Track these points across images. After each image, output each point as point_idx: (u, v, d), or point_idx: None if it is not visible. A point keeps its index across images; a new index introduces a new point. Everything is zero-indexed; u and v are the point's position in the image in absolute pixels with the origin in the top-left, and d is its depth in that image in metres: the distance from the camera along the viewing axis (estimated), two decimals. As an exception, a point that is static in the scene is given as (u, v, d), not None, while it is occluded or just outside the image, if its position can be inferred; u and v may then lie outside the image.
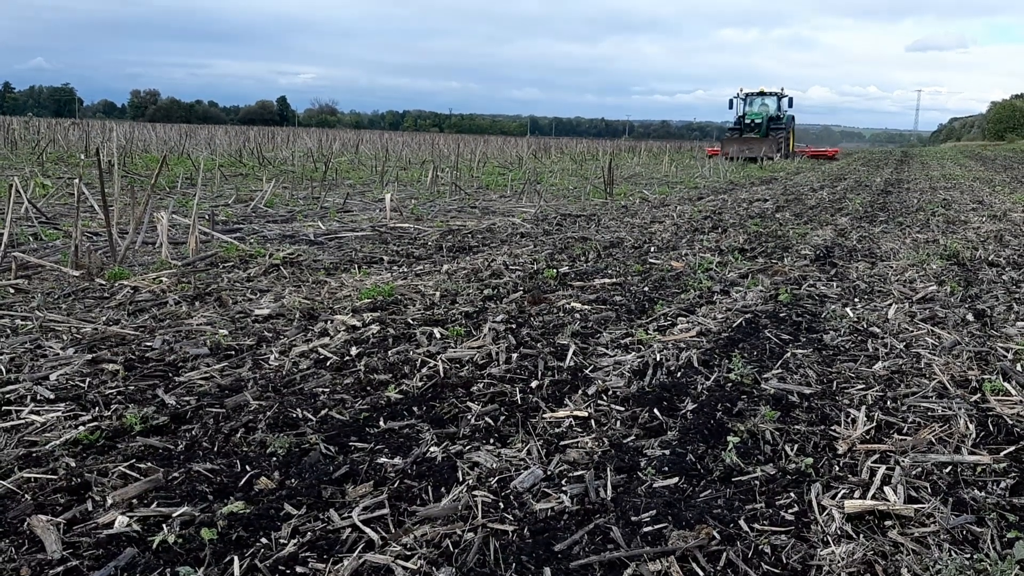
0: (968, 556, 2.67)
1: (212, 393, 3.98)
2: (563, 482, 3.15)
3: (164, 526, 2.69)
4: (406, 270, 7.49)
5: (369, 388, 4.16)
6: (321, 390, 4.08)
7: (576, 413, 3.86)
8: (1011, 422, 3.82)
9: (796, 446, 3.54)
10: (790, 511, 2.96)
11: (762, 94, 44.07)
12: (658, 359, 4.68)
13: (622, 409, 3.94)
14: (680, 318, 5.77)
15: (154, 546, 2.57)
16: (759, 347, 5.09)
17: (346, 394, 4.05)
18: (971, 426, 3.76)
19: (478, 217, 12.14)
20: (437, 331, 5.19)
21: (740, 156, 37.48)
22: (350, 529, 2.74)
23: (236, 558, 2.53)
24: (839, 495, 3.07)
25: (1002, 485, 3.17)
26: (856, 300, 6.58)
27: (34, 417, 3.59)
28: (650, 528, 2.80)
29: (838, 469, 3.32)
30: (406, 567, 2.51)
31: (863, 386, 4.38)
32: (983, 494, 3.10)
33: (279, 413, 3.73)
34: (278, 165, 22.76)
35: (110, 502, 2.84)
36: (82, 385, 4.02)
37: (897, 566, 2.62)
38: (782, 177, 25.92)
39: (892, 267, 8.15)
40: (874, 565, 2.62)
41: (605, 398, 4.10)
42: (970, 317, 5.91)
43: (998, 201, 16.37)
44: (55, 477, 3.04)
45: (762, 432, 3.65)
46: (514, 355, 4.72)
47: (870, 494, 3.08)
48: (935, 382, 4.42)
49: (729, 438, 3.55)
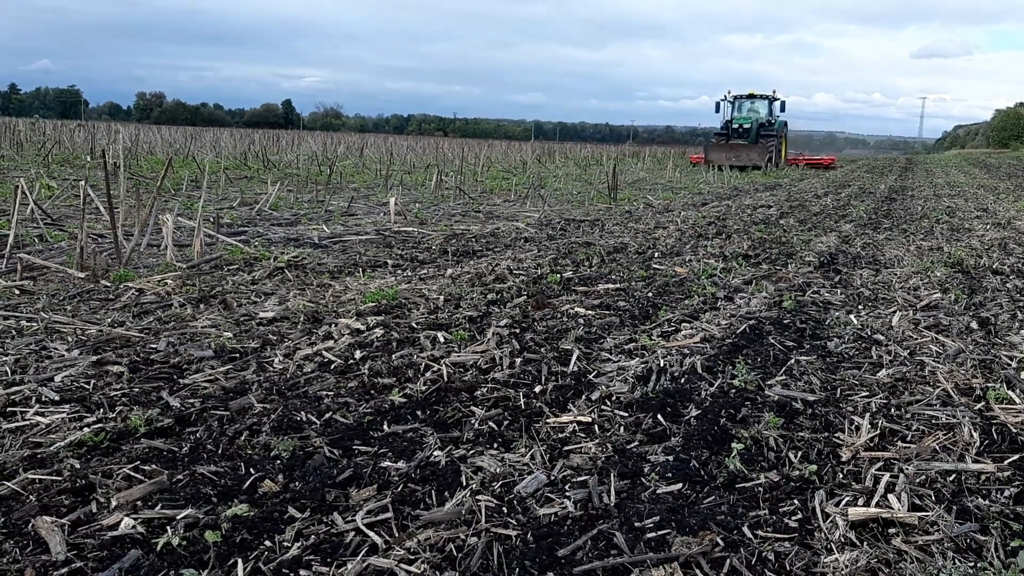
0: (972, 565, 2.67)
1: (217, 396, 3.98)
2: (567, 487, 3.15)
3: (168, 528, 2.70)
4: (410, 274, 7.50)
5: (373, 392, 4.17)
6: (325, 393, 4.09)
7: (580, 418, 3.86)
8: (1015, 431, 3.82)
9: (800, 453, 3.54)
10: (794, 518, 2.96)
11: (752, 97, 40.11)
12: (662, 365, 4.68)
13: (626, 415, 3.94)
14: (684, 324, 5.77)
15: (158, 548, 2.58)
16: (763, 353, 5.09)
17: (350, 397, 4.06)
18: (975, 434, 3.76)
19: (482, 221, 12.15)
20: (441, 335, 5.19)
21: (725, 164, 33.69)
22: (354, 533, 2.75)
23: (240, 561, 2.53)
24: (843, 502, 3.07)
25: (1006, 494, 3.17)
26: (860, 307, 6.58)
27: (39, 418, 3.60)
28: (653, 534, 2.80)
29: (842, 476, 3.32)
30: (409, 571, 2.51)
31: (867, 393, 4.38)
32: (987, 502, 3.10)
33: (283, 416, 3.73)
34: (283, 168, 22.80)
35: (115, 504, 2.85)
36: (87, 387, 4.03)
37: (901, 574, 2.61)
38: (786, 183, 25.93)
39: (896, 274, 8.15)
40: (878, 573, 2.62)
41: (609, 404, 4.10)
42: (974, 325, 5.90)
43: (1002, 209, 16.35)
44: (60, 478, 3.05)
45: (766, 439, 3.65)
46: (518, 360, 4.72)
47: (874, 502, 3.08)
48: (939, 390, 4.42)
49: (733, 444, 3.55)
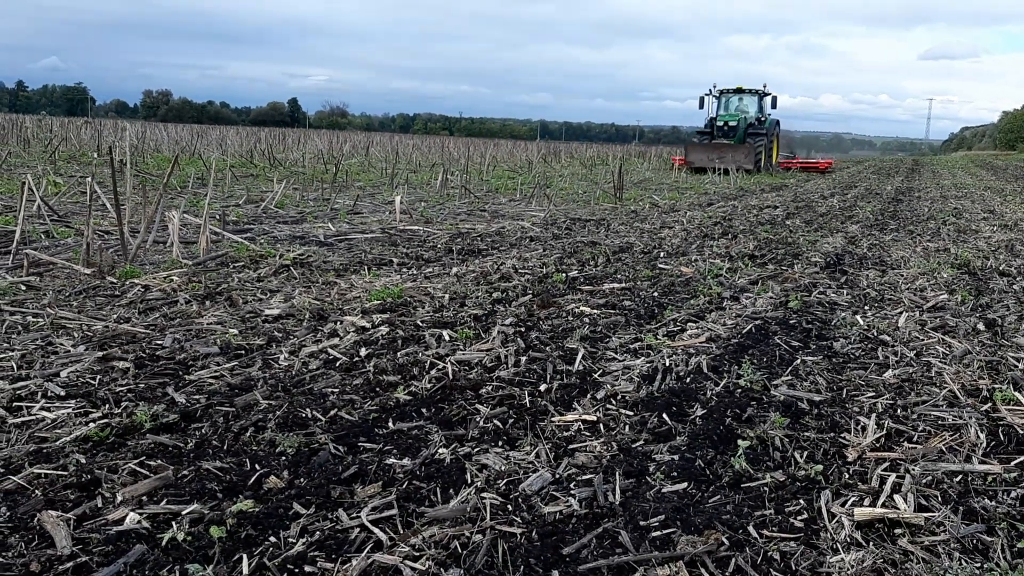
0: (978, 566, 2.66)
1: (222, 392, 3.99)
2: (572, 486, 3.14)
3: (173, 523, 2.70)
4: (415, 272, 7.50)
5: (378, 389, 4.17)
6: (330, 390, 4.09)
7: (585, 417, 3.85)
8: (1022, 432, 3.81)
9: (806, 453, 3.53)
10: (799, 518, 2.95)
11: (740, 92, 36.06)
12: (667, 364, 4.68)
13: (631, 414, 3.94)
14: (690, 324, 5.76)
15: (163, 543, 2.58)
16: (769, 354, 5.08)
17: (355, 395, 4.06)
18: (982, 435, 3.74)
19: (487, 221, 12.14)
20: (446, 333, 5.19)
21: (707, 167, 30.41)
22: (359, 529, 2.75)
23: (245, 556, 2.53)
24: (849, 502, 3.06)
25: (1013, 495, 3.16)
26: (866, 308, 6.56)
27: (45, 414, 3.60)
28: (659, 533, 2.80)
29: (848, 476, 3.31)
30: (414, 568, 2.51)
31: (873, 394, 4.37)
32: (994, 503, 3.09)
33: (288, 413, 3.73)
34: (289, 166, 22.82)
35: (120, 499, 2.85)
36: (93, 382, 4.04)
37: (907, 574, 2.61)
38: (792, 184, 25.90)
39: (903, 275, 8.13)
40: (884, 573, 2.61)
41: (614, 402, 4.09)
42: (981, 326, 5.88)
43: (1009, 211, 16.31)
44: (65, 473, 3.05)
45: (771, 439, 3.64)
46: (523, 358, 4.72)
47: (880, 502, 3.07)
48: (945, 391, 4.41)
49: (738, 444, 3.54)
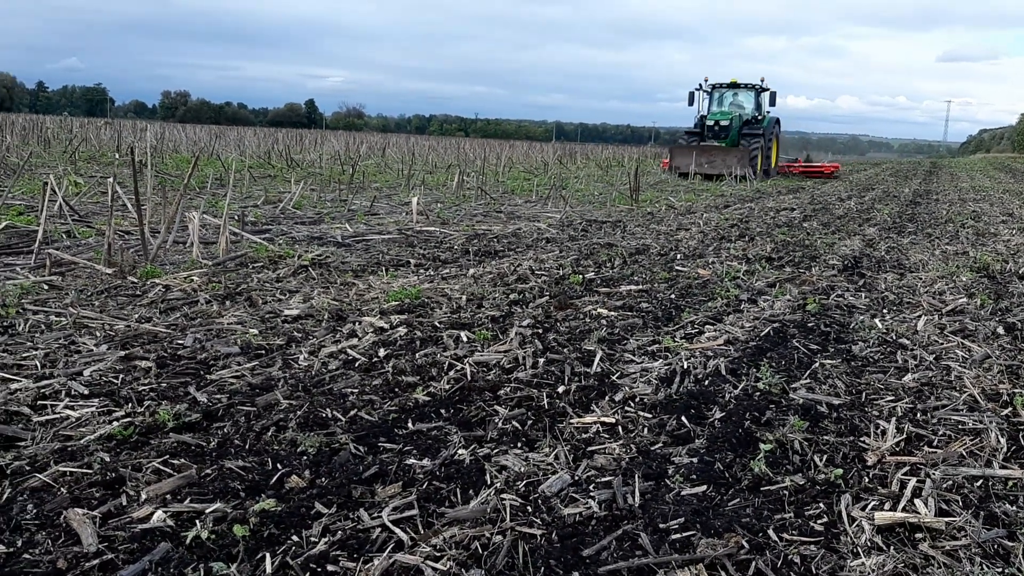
0: (1000, 570, 2.65)
1: (243, 391, 4.02)
2: (591, 487, 3.15)
3: (197, 522, 2.72)
4: (432, 273, 7.53)
5: (397, 390, 4.19)
6: (350, 391, 4.12)
7: (603, 419, 3.86)
8: (1044, 437, 3.78)
9: (825, 457, 3.52)
10: (819, 521, 2.95)
11: (734, 87, 31.49)
12: (685, 367, 4.68)
13: (650, 416, 3.94)
14: (707, 326, 5.75)
15: (187, 541, 2.61)
16: (787, 357, 5.07)
17: (375, 395, 4.08)
18: (1002, 440, 3.73)
19: (504, 222, 12.16)
20: (464, 334, 5.21)
21: (694, 171, 26.86)
22: (380, 529, 2.77)
23: (268, 555, 2.56)
24: (869, 506, 3.06)
25: (1034, 500, 3.15)
26: (885, 311, 6.54)
27: (69, 412, 3.64)
28: (678, 535, 2.80)
29: (868, 480, 3.31)
30: (436, 568, 2.53)
31: (892, 398, 4.36)
32: (1014, 508, 3.08)
33: (309, 412, 3.76)
34: (306, 167, 22.92)
35: (144, 497, 2.88)
36: (115, 381, 4.08)
37: (928, 579, 2.60)
38: (809, 187, 25.79)
39: (921, 279, 8.09)
40: (904, 578, 2.60)
41: (632, 405, 4.10)
42: (1001, 330, 5.85)
43: (1029, 214, 16.17)
44: (90, 471, 3.08)
45: (791, 442, 3.64)
46: (541, 360, 4.73)
47: (900, 506, 3.06)
48: (965, 395, 4.39)
49: (758, 447, 3.55)
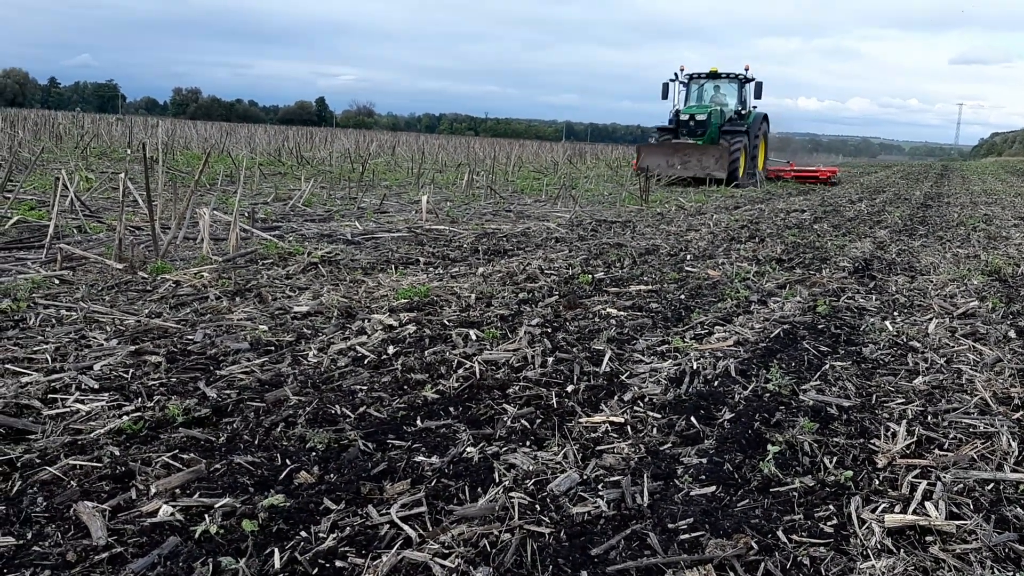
0: (1011, 574, 2.63)
1: (252, 387, 4.03)
2: (599, 487, 3.15)
3: (206, 516, 2.73)
4: (442, 272, 7.53)
5: (406, 387, 4.19)
6: (359, 387, 4.12)
7: (612, 419, 3.85)
8: (1055, 441, 3.76)
9: (835, 458, 3.51)
10: (829, 523, 2.94)
11: (715, 77, 27.35)
12: (695, 367, 4.67)
13: (659, 416, 3.93)
14: (717, 327, 5.74)
15: (196, 536, 2.61)
16: (797, 358, 5.05)
17: (384, 392, 4.08)
18: (1014, 444, 3.70)
19: (513, 221, 12.16)
20: (473, 333, 5.21)
21: (666, 173, 23.34)
22: (388, 525, 2.76)
23: (277, 550, 2.56)
24: (879, 509, 3.04)
25: (1046, 505, 3.13)
26: (896, 314, 6.51)
27: (79, 406, 3.65)
28: (687, 536, 2.79)
29: (878, 483, 3.29)
30: (444, 565, 2.53)
31: (903, 400, 4.33)
32: (1026, 513, 3.06)
33: (318, 409, 3.76)
34: (316, 165, 22.96)
35: (154, 491, 2.89)
36: (125, 376, 4.09)
37: (938, 582, 2.59)
38: (819, 189, 25.70)
39: (932, 281, 8.05)
40: (915, 580, 2.59)
41: (641, 405, 4.09)
42: (1012, 334, 5.82)
43: (1041, 218, 16.09)
44: (100, 465, 3.09)
45: (800, 443, 3.62)
46: (549, 359, 4.72)
47: (911, 509, 3.05)
48: (976, 398, 4.37)
49: (767, 448, 3.53)
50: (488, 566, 2.54)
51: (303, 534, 2.68)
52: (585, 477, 3.23)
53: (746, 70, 26.76)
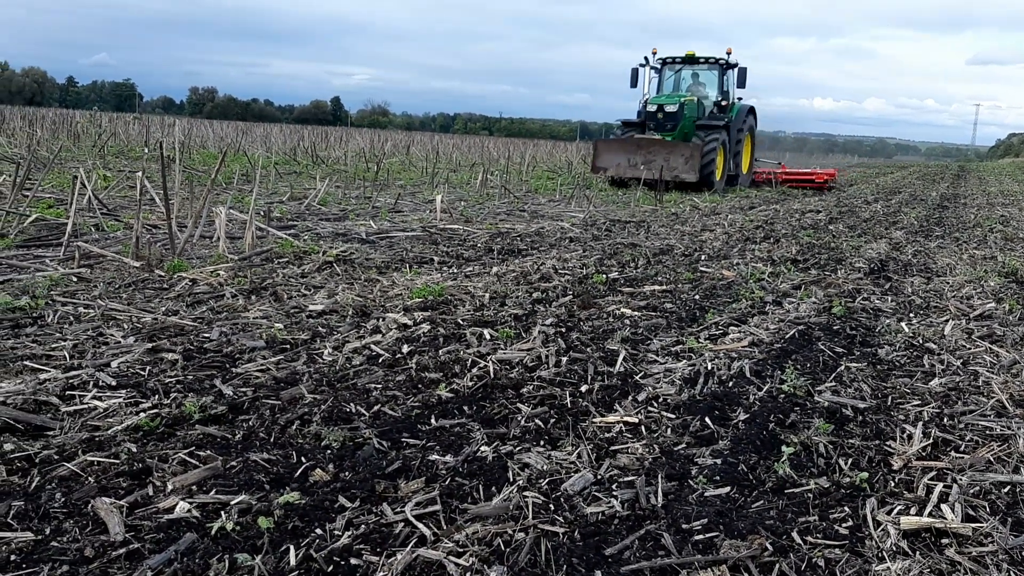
0: (1028, 578, 2.62)
1: (268, 385, 4.05)
2: (613, 487, 3.15)
3: (223, 513, 2.75)
4: (456, 271, 7.54)
5: (420, 386, 4.20)
6: (374, 386, 4.13)
7: (626, 419, 3.85)
8: (1073, 444, 3.73)
9: (850, 460, 3.49)
10: (844, 525, 2.93)
11: (692, 62, 23.23)
12: (709, 368, 4.66)
13: (673, 417, 3.93)
14: (732, 327, 5.73)
15: (213, 532, 2.63)
16: (812, 359, 5.03)
17: (398, 391, 4.09)
18: (1031, 447, 3.68)
19: (527, 221, 12.16)
20: (487, 332, 5.21)
21: (624, 175, 20.10)
22: (403, 524, 2.78)
23: (292, 547, 2.57)
24: (895, 511, 3.03)
25: (1064, 508, 3.11)
26: (911, 315, 6.48)
27: (97, 403, 3.68)
28: (701, 536, 2.79)
29: (893, 485, 3.28)
30: (458, 563, 2.53)
31: (919, 402, 4.31)
32: (1044, 516, 3.04)
33: (333, 407, 3.78)
34: (331, 164, 23.03)
35: (170, 487, 2.91)
36: (142, 373, 4.12)
37: (954, 585, 2.58)
38: (836, 188, 25.57)
39: (948, 283, 8.00)
40: (930, 583, 2.58)
41: (656, 405, 4.09)
42: (1030, 336, 5.77)
43: (1060, 219, 15.97)
44: (117, 461, 3.12)
45: (815, 445, 3.61)
46: (564, 359, 4.72)
47: (927, 511, 3.03)
48: (993, 400, 4.34)
49: (782, 449, 3.53)
50: (502, 565, 2.55)
51: (318, 531, 2.69)
52: (599, 477, 3.23)
53: (728, 54, 22.76)
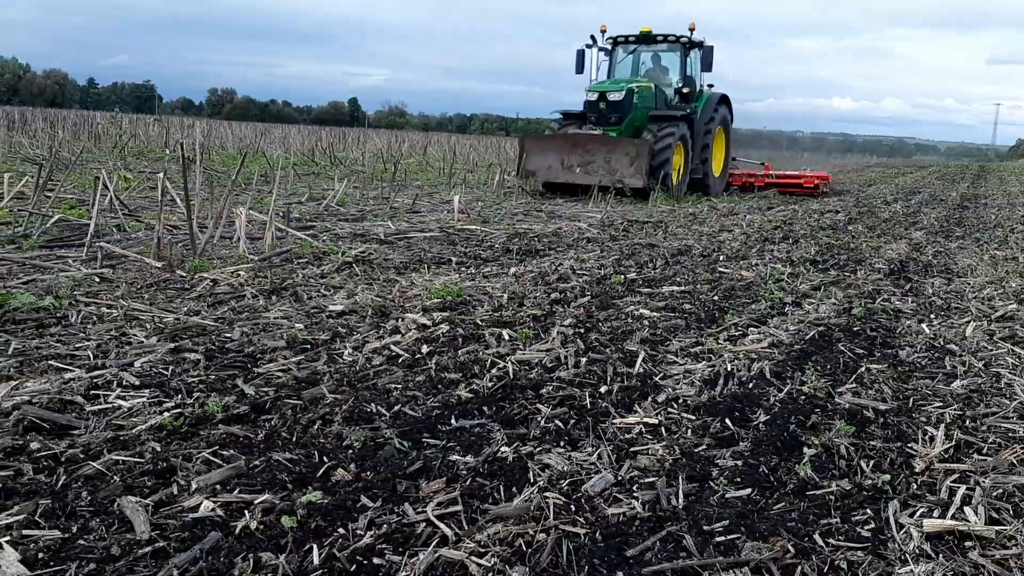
0: (1053, 582, 2.60)
1: (289, 385, 4.07)
2: (634, 488, 3.15)
3: (246, 512, 2.77)
4: (474, 271, 7.56)
5: (440, 386, 4.22)
6: (394, 386, 4.15)
7: (646, 420, 3.85)
8: (1098, 447, 3.70)
9: (872, 462, 3.48)
10: (866, 527, 2.92)
11: (648, 41, 18.96)
12: (729, 369, 4.65)
13: (693, 418, 3.92)
14: (751, 328, 5.71)
15: (237, 531, 2.65)
16: (832, 360, 5.01)
17: (418, 391, 4.11)
18: (1055, 449, 3.65)
19: (544, 221, 12.17)
20: (505, 333, 5.23)
21: (557, 179, 16.76)
22: (424, 524, 2.79)
23: (315, 547, 2.59)
24: (917, 513, 3.02)
25: (1089, 511, 3.08)
26: (932, 316, 6.43)
27: (121, 402, 3.72)
28: (723, 538, 2.79)
29: (916, 487, 3.26)
30: (480, 564, 2.54)
31: (941, 404, 4.29)
32: (1068, 519, 3.02)
33: (354, 407, 3.80)
34: (349, 165, 23.13)
35: (195, 486, 2.94)
36: (165, 373, 4.15)
37: (978, 588, 2.56)
38: (855, 189, 25.42)
39: (969, 284, 7.95)
40: (954, 586, 2.57)
41: (675, 406, 4.09)
42: (1053, 338, 5.73)
43: (1082, 219, 15.81)
44: (142, 460, 3.15)
45: (836, 446, 3.60)
46: (583, 360, 4.73)
47: (949, 514, 3.02)
48: (1016, 402, 4.31)
49: (804, 451, 3.52)
50: (524, 565, 2.56)
51: (341, 531, 2.71)
52: (620, 478, 3.23)
53: (691, 31, 18.41)
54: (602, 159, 16.28)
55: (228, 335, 4.86)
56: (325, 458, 3.25)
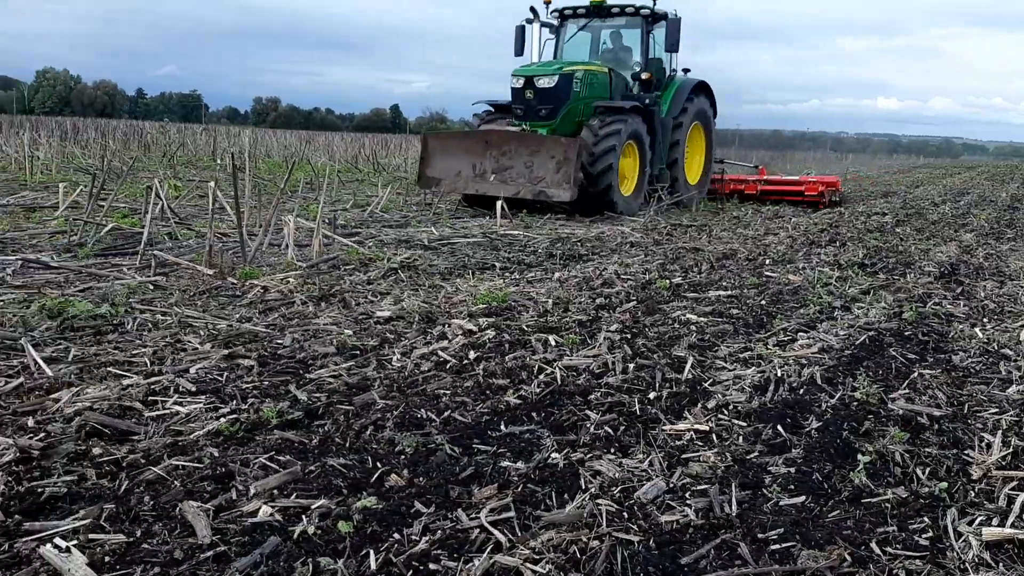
0: (1119, 593, 2.55)
1: (341, 391, 4.13)
2: (687, 495, 3.14)
3: (304, 517, 2.82)
4: (518, 277, 7.58)
5: (488, 392, 4.24)
6: (443, 392, 4.19)
7: (697, 427, 3.84)
8: None
9: (928, 469, 3.43)
10: (924, 536, 2.88)
11: (602, 14, 15.01)
12: (779, 375, 4.61)
13: (744, 424, 3.90)
14: (800, 333, 5.66)
15: (295, 536, 2.70)
16: (884, 366, 4.95)
17: (467, 397, 4.14)
18: (1118, 457, 3.57)
19: (587, 225, 12.15)
20: (552, 338, 5.23)
21: (464, 189, 13.17)
22: (478, 530, 2.81)
23: (372, 552, 2.63)
24: (976, 522, 2.97)
25: None
26: (985, 320, 6.32)
27: (178, 408, 3.80)
28: (777, 546, 2.78)
29: (974, 495, 3.21)
30: (535, 571, 2.56)
31: (996, 410, 4.22)
32: None
33: (405, 413, 3.84)
34: (392, 171, 23.30)
35: (253, 492, 2.99)
36: (220, 379, 4.23)
37: (1041, 599, 2.52)
38: (901, 191, 25.00)
39: (1022, 286, 7.78)
40: (1016, 597, 2.53)
41: (726, 412, 4.07)
42: (1113, 342, 5.59)
43: None
44: (201, 465, 3.21)
45: (891, 454, 3.56)
46: (630, 365, 4.72)
47: (1009, 522, 2.97)
48: (1076, 409, 4.22)
49: (858, 458, 3.48)
50: (579, 573, 2.57)
51: (396, 536, 2.74)
52: (672, 485, 3.23)
53: (654, 2, 14.76)
54: (522, 164, 12.67)
55: (280, 341, 4.94)
56: (378, 463, 3.29)
